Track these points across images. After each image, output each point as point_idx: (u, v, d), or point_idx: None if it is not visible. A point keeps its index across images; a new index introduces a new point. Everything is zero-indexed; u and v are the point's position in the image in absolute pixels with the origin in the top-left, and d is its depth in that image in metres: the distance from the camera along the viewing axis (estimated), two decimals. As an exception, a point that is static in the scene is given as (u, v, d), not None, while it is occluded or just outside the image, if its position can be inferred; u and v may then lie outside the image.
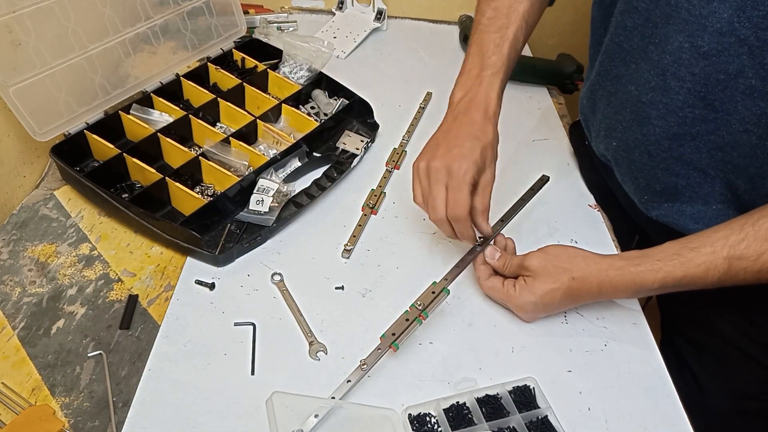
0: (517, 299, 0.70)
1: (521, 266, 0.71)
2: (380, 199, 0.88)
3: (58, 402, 0.61)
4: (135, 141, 0.86)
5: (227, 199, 0.80)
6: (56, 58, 0.82)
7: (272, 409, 0.57)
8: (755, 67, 0.62)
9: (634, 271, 0.66)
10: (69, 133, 0.84)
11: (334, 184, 0.87)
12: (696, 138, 0.70)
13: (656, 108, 0.71)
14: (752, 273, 0.61)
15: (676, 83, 0.68)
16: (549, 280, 0.68)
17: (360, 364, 0.63)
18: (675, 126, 0.70)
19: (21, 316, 0.68)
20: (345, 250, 0.79)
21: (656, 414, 0.65)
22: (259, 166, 0.83)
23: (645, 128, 0.73)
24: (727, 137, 0.67)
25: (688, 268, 0.63)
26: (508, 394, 0.63)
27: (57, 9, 0.80)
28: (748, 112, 0.65)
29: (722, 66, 0.64)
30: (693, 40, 0.65)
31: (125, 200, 0.77)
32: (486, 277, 0.74)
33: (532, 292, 0.69)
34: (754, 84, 0.63)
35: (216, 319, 0.70)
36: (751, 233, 0.62)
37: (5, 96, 0.76)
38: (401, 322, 0.65)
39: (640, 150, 0.75)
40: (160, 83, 0.95)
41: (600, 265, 0.68)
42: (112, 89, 0.90)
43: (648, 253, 0.67)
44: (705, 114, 0.68)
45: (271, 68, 1.03)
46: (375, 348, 0.64)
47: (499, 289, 0.72)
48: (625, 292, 0.68)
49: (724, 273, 0.62)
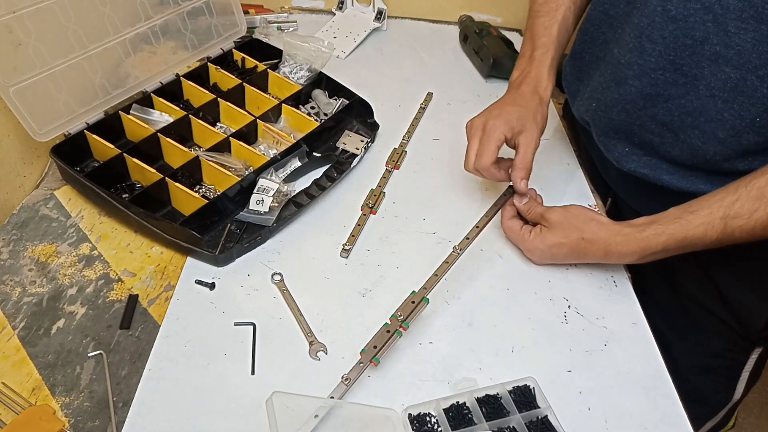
0: (529, 243, 0.77)
1: (542, 216, 0.77)
2: (380, 198, 0.88)
3: (59, 402, 0.61)
4: (135, 141, 0.86)
5: (227, 199, 0.80)
6: (56, 58, 0.82)
7: (272, 408, 0.57)
8: (719, 35, 0.65)
9: (639, 237, 0.70)
10: (69, 133, 0.84)
11: (334, 184, 0.87)
12: (668, 101, 0.73)
13: (632, 69, 0.74)
14: (747, 231, 0.65)
15: (650, 45, 0.71)
16: (560, 235, 0.75)
17: (342, 380, 0.62)
18: (648, 87, 0.73)
19: (21, 316, 0.68)
20: (344, 249, 0.79)
21: (656, 414, 0.65)
22: (259, 166, 0.83)
23: (622, 88, 0.76)
24: (696, 102, 0.70)
25: (687, 229, 0.67)
26: (508, 393, 0.63)
27: (57, 9, 0.80)
28: (714, 78, 0.68)
29: (689, 31, 0.67)
30: (664, 4, 0.68)
31: (125, 200, 0.77)
32: (509, 217, 0.81)
33: (543, 241, 0.76)
34: (719, 51, 0.66)
35: (216, 319, 0.70)
36: (744, 194, 0.65)
37: (5, 96, 0.76)
38: (382, 334, 0.64)
39: (617, 109, 0.78)
40: (160, 83, 0.95)
41: (610, 231, 0.72)
42: (112, 89, 0.90)
43: (654, 219, 0.70)
44: (675, 78, 0.71)
45: (271, 68, 1.03)
46: (356, 362, 0.63)
47: (517, 230, 0.79)
48: (631, 257, 0.72)
49: (721, 232, 0.66)
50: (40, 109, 0.80)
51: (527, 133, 0.79)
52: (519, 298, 0.76)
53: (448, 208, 0.88)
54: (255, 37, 1.11)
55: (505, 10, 1.35)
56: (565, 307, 0.75)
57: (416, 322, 0.69)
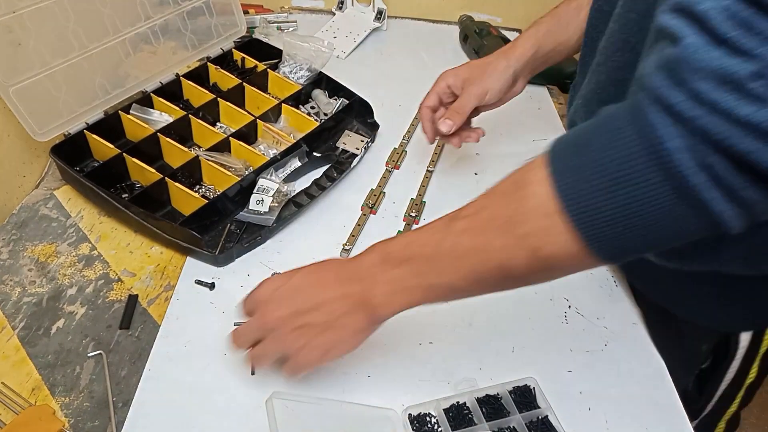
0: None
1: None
2: (380, 198, 0.88)
3: (58, 402, 0.61)
4: (135, 141, 0.86)
5: (227, 199, 0.79)
6: (56, 58, 0.82)
7: (272, 409, 0.57)
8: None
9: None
10: (69, 133, 0.84)
11: (334, 183, 0.87)
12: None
13: (603, 54, 0.73)
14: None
15: (612, 26, 0.70)
16: None
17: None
18: (614, 71, 0.71)
19: (21, 316, 0.68)
20: (344, 249, 0.79)
21: (656, 414, 0.65)
22: (259, 166, 0.83)
23: (596, 77, 0.75)
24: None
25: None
26: (508, 394, 0.63)
27: (57, 9, 0.80)
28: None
29: (633, 5, 0.65)
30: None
31: (125, 200, 0.77)
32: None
33: None
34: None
35: (216, 319, 0.70)
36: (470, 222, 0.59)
37: (5, 96, 0.76)
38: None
39: (595, 100, 0.77)
40: (160, 83, 0.95)
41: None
42: (112, 89, 0.90)
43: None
44: (632, 59, 0.68)
45: (271, 68, 1.03)
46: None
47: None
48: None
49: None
50: (40, 109, 0.80)
51: (473, 86, 0.80)
52: (519, 298, 0.76)
53: (447, 209, 0.87)
54: (255, 37, 1.11)
55: (505, 10, 1.35)
56: (565, 307, 0.75)
57: (416, 321, 0.69)
